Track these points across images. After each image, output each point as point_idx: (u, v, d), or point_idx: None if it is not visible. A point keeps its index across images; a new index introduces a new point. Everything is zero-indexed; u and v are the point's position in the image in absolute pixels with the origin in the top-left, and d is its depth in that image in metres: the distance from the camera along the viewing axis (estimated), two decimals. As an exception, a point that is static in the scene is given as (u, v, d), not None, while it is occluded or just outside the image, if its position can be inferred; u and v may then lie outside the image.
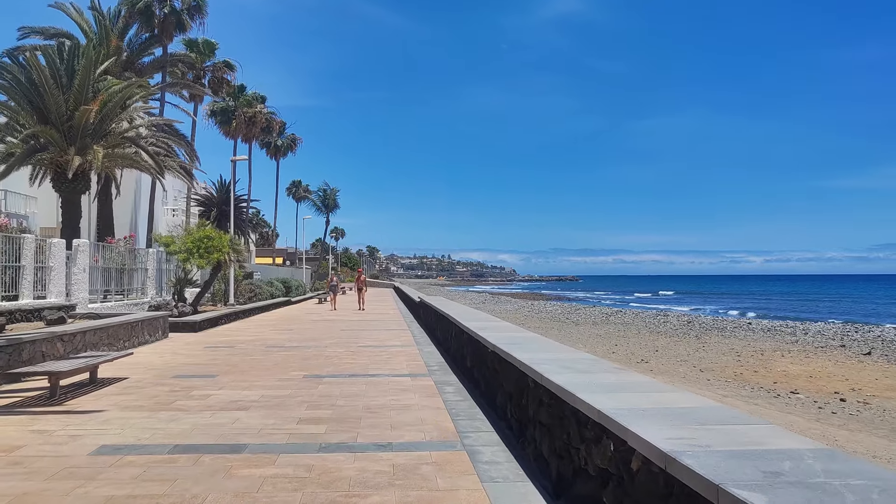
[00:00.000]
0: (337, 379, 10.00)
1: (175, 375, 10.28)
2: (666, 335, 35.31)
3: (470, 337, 9.54)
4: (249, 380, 9.87)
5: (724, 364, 24.10)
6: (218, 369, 10.98)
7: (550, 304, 74.00)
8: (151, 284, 22.29)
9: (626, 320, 46.23)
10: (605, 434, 3.76)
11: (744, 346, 29.73)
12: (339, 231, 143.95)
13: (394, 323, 22.30)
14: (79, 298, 16.74)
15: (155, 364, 11.58)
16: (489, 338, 7.76)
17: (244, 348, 14.23)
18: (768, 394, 17.81)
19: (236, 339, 16.38)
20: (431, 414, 7.43)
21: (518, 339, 7.74)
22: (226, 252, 21.80)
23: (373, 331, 19.04)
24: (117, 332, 13.09)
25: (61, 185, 21.66)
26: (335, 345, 15.02)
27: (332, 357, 12.73)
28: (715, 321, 46.89)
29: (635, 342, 31.38)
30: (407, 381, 9.76)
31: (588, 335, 34.73)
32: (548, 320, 45.24)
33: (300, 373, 10.63)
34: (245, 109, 46.82)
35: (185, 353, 13.35)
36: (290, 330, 19.18)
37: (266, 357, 12.72)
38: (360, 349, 14.14)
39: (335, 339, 16.52)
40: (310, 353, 13.32)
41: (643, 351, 27.61)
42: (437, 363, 11.91)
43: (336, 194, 78.50)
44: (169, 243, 20.83)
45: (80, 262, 16.94)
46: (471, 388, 9.12)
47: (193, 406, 7.80)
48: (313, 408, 7.77)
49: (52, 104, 20.84)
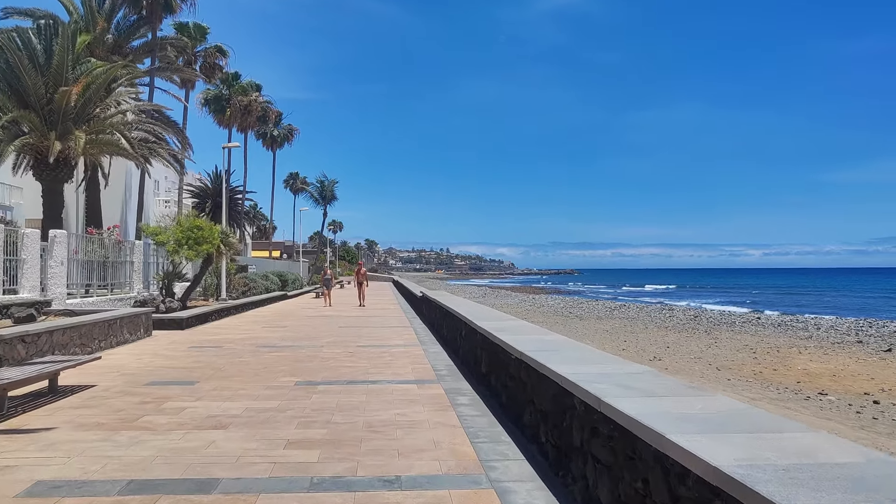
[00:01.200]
0: (333, 387, 8.78)
1: (149, 382, 9.04)
2: (675, 330, 34.13)
3: (485, 338, 8.34)
4: (234, 388, 8.64)
5: (740, 362, 22.94)
6: (200, 374, 9.76)
7: (551, 297, 72.82)
8: (138, 278, 21.04)
9: (631, 314, 45.09)
10: (720, 500, 2.55)
11: (757, 343, 28.56)
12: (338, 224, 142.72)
13: (395, 319, 21.08)
14: (55, 293, 15.49)
15: (130, 368, 10.35)
16: (513, 342, 6.54)
17: (232, 348, 13.00)
18: (796, 395, 16.66)
19: (225, 337, 15.16)
20: (446, 434, 6.21)
21: (548, 344, 6.52)
22: (216, 244, 20.54)
23: (373, 328, 17.82)
24: (91, 332, 11.85)
25: (42, 172, 20.38)
26: (332, 344, 13.80)
27: (329, 359, 11.50)
28: (722, 315, 45.75)
29: (644, 338, 30.19)
30: (413, 390, 8.54)
31: (594, 330, 33.53)
32: (551, 315, 44.08)
33: (292, 379, 9.41)
34: (240, 98, 45.41)
35: (167, 354, 12.12)
36: (283, 327, 17.94)
37: (255, 359, 11.49)
38: (359, 349, 12.92)
39: (332, 337, 15.30)
40: (304, 355, 12.10)
41: (654, 347, 26.41)
42: (446, 366, 10.70)
43: (334, 185, 77.10)
44: (157, 234, 19.57)
45: (56, 255, 15.68)
46: (488, 398, 7.91)
47: (162, 424, 6.57)
48: (305, 425, 6.56)
49: (29, 86, 19.54)
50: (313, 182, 77.78)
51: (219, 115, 45.25)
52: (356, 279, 31.26)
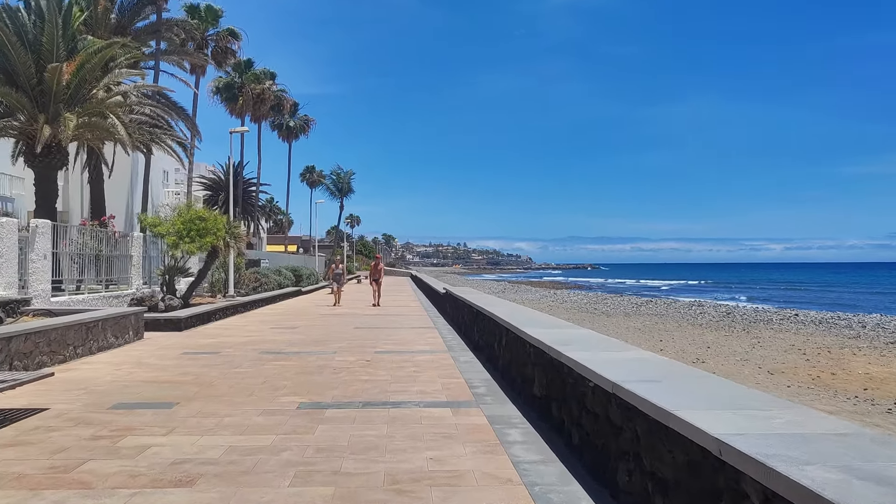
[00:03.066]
0: (345, 411, 6.93)
1: (116, 404, 7.24)
2: (710, 328, 31.97)
3: (540, 353, 6.45)
4: (220, 413, 6.82)
5: (792, 364, 20.84)
6: (183, 392, 7.95)
7: (573, 292, 70.69)
8: (137, 274, 19.35)
9: (659, 310, 42.92)
10: None
11: (804, 342, 26.39)
12: (355, 218, 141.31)
13: (417, 319, 19.20)
14: (37, 291, 13.80)
15: (100, 382, 8.56)
16: (593, 366, 4.64)
17: (231, 355, 11.20)
18: (873, 406, 14.61)
19: (226, 340, 13.37)
20: (502, 498, 4.33)
21: (651, 369, 4.59)
22: (222, 236, 18.80)
23: (393, 329, 15.96)
24: (64, 336, 10.10)
25: (32, 159, 18.72)
26: (346, 350, 11.96)
27: (342, 370, 9.65)
28: (756, 312, 43.39)
29: (680, 337, 28.10)
30: (448, 417, 6.66)
31: (626, 328, 31.46)
32: (576, 311, 42.03)
33: (295, 398, 7.57)
34: (252, 86, 43.66)
35: (153, 363, 10.34)
36: (293, 328, 16.14)
37: (255, 369, 9.67)
38: (377, 357, 11.05)
39: (347, 340, 13.47)
40: (312, 364, 10.26)
41: (694, 348, 24.33)
42: (483, 381, 8.80)
43: (350, 177, 75.21)
44: (155, 225, 17.85)
45: (38, 247, 13.99)
46: (547, 432, 5.99)
47: (107, 477, 4.74)
48: (304, 478, 4.71)
49: (17, 64, 17.87)
50: (329, 174, 76.07)
51: (231, 104, 43.58)
52: (371, 275, 27.24)
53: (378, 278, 26.50)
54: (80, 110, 18.48)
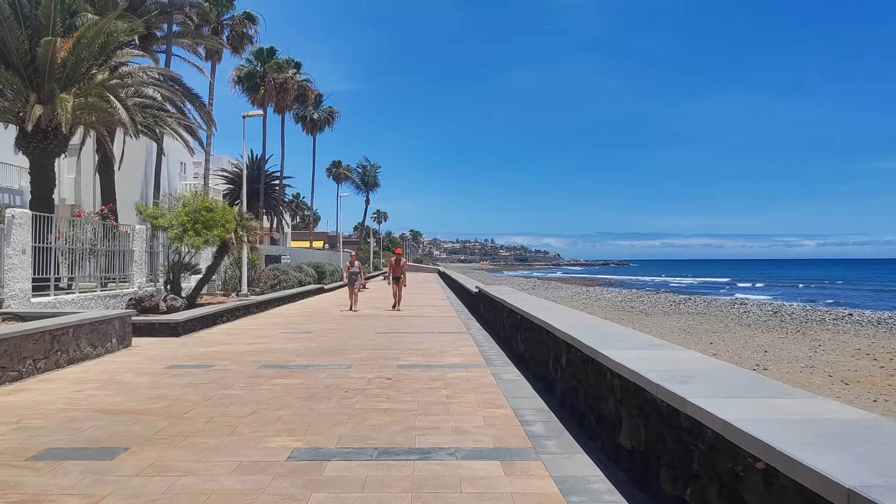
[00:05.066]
0: (353, 466, 4.90)
1: (42, 451, 5.29)
2: (761, 329, 29.39)
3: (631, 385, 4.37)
4: (180, 467, 4.85)
5: (866, 372, 18.38)
6: (144, 428, 6.00)
7: (606, 289, 67.96)
8: (140, 271, 17.60)
9: (699, 309, 40.26)
10: None
11: (870, 346, 23.79)
12: (382, 214, 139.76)
13: (446, 321, 17.14)
14: (14, 290, 12.05)
15: (43, 412, 6.65)
16: (800, 455, 2.57)
17: (225, 370, 9.26)
18: None
19: (225, 349, 11.45)
20: None
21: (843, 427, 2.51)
22: (232, 228, 16.95)
23: (420, 335, 13.92)
24: (19, 348, 8.23)
25: (26, 144, 17.06)
26: (364, 362, 9.95)
27: (356, 393, 7.64)
28: (805, 311, 40.49)
29: (730, 339, 25.58)
30: (497, 479, 4.59)
31: (669, 329, 29.00)
32: (611, 309, 39.58)
33: (288, 441, 5.57)
34: (275, 75, 41.91)
35: (126, 381, 8.43)
36: (307, 333, 14.18)
37: (249, 391, 7.71)
38: (400, 374, 9.02)
39: (366, 349, 11.46)
40: (321, 382, 8.27)
41: (749, 352, 21.85)
42: (536, 411, 6.71)
43: (376, 171, 73.37)
44: (156, 216, 16.06)
45: (16, 241, 12.23)
46: None
47: None
48: None
49: (10, 39, 16.20)
50: (355, 167, 74.35)
51: (252, 95, 41.89)
52: (391, 272, 21.35)
53: (399, 277, 20.94)
54: (77, 91, 16.77)
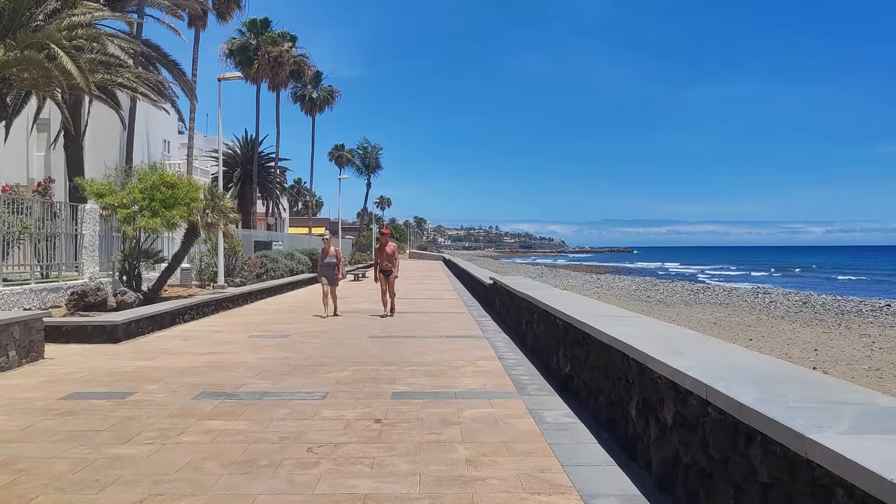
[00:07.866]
0: None
1: None
2: (795, 321, 26.43)
3: None
4: None
5: (947, 377, 15.47)
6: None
7: (617, 277, 65.01)
8: (91, 258, 14.81)
9: (720, 299, 37.28)
10: None
11: (927, 342, 20.88)
12: (385, 200, 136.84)
13: (456, 319, 14.28)
14: None
15: None
16: None
17: (146, 401, 6.45)
18: None
19: (164, 364, 8.61)
20: None
21: None
22: (198, 209, 14.13)
23: (424, 340, 11.04)
24: None
25: (-49, 107, 14.29)
26: (346, 387, 7.13)
27: (322, 456, 4.81)
28: (836, 301, 37.53)
29: (768, 333, 22.58)
30: None
31: (696, 321, 25.98)
32: (627, 299, 36.61)
33: None
34: (269, 48, 38.93)
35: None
36: (283, 337, 11.34)
37: (156, 449, 4.90)
38: (394, 411, 6.17)
39: (352, 365, 8.61)
40: (273, 432, 5.44)
41: (797, 350, 18.87)
42: (620, 495, 3.92)
43: (378, 152, 70.22)
44: (103, 194, 13.25)
45: None
46: None
47: None
48: None
49: (-73, -20, 13.40)
50: (355, 149, 71.35)
51: (245, 69, 38.90)
52: (378, 263, 15.27)
53: (389, 270, 14.82)
54: (11, 42, 13.93)
